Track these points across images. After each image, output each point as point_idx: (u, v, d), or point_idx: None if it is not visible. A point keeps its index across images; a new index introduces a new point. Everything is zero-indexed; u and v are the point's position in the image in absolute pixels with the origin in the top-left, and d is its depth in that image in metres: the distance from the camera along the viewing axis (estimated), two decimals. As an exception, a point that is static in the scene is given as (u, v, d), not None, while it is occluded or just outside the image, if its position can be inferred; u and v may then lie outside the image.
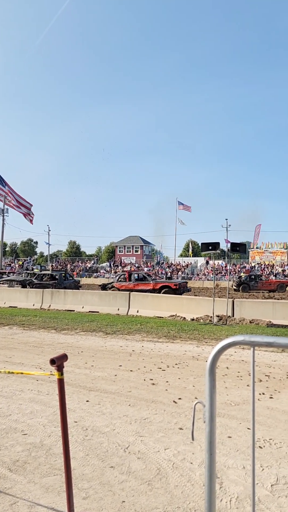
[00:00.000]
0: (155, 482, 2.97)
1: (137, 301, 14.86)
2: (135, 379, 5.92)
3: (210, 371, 1.72)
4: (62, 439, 2.02)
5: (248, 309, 13.04)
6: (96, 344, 8.90)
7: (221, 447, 3.63)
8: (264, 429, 4.07)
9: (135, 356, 7.66)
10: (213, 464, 1.68)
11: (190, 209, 58.28)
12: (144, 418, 4.33)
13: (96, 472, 3.12)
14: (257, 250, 52.94)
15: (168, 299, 15.06)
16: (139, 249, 66.63)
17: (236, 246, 12.80)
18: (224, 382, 5.84)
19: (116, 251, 69.74)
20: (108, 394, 5.19)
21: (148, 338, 9.65)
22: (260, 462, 3.35)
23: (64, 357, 2.02)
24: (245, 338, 1.67)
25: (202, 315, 13.16)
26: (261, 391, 5.42)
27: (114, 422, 4.20)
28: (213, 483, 1.65)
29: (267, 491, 2.87)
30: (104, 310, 15.10)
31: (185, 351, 8.23)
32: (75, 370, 6.42)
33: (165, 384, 5.71)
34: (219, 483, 2.98)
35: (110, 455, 3.43)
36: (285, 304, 13.12)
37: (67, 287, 22.67)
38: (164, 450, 3.54)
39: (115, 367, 6.71)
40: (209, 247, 12.41)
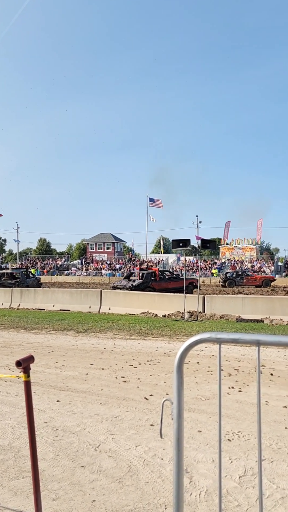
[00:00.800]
0: (126, 480, 2.98)
1: (109, 299, 14.82)
2: (106, 377, 5.91)
3: (178, 369, 1.73)
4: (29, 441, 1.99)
5: (218, 304, 13.27)
6: (67, 343, 8.81)
7: (191, 442, 3.68)
8: (233, 422, 4.16)
9: (107, 354, 7.64)
10: (181, 460, 1.70)
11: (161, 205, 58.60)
12: (116, 416, 4.32)
13: (66, 472, 3.09)
14: (227, 247, 53.93)
15: (140, 296, 15.10)
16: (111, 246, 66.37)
17: (207, 242, 12.99)
18: (195, 378, 5.92)
19: (88, 248, 69.17)
20: (79, 393, 5.15)
21: (119, 336, 9.65)
22: (229, 454, 3.42)
23: (31, 359, 1.98)
24: (212, 335, 1.69)
25: (174, 311, 13.29)
26: (230, 385, 5.54)
27: (85, 421, 4.17)
28: (181, 478, 1.67)
29: (235, 483, 2.94)
30: (76, 308, 14.96)
31: (157, 347, 8.28)
32: (45, 370, 6.32)
33: (137, 381, 5.73)
34: (189, 477, 3.03)
35: (80, 454, 3.41)
36: (253, 299, 13.46)
37: (30, 285, 22.25)
38: (135, 447, 3.55)
39: (86, 365, 6.66)
40: (180, 244, 12.54)
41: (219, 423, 1.70)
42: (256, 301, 13.20)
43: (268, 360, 7.10)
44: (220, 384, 1.73)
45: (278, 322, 11.47)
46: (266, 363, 6.88)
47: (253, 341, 1.63)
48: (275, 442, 3.67)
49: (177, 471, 1.67)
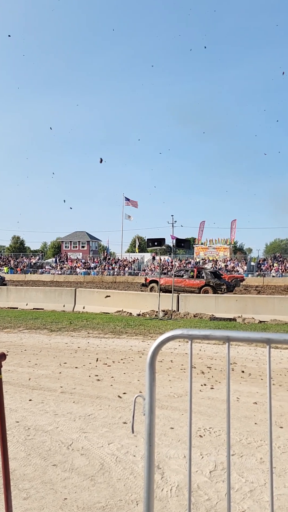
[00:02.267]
0: (98, 477, 2.99)
1: (83, 297, 14.73)
2: (80, 376, 5.88)
3: (150, 365, 1.76)
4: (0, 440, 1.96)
5: (192, 303, 13.44)
6: (40, 342, 8.70)
7: (164, 438, 3.73)
8: (205, 419, 4.23)
9: (81, 352, 7.60)
10: (153, 455, 1.72)
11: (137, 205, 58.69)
12: (89, 414, 4.32)
13: (38, 471, 3.07)
14: (201, 246, 54.58)
15: (115, 294, 15.08)
16: (86, 244, 65.90)
17: (181, 242, 13.12)
18: (168, 375, 5.98)
19: (62, 246, 68.40)
20: (52, 392, 5.10)
21: (94, 334, 9.61)
22: (200, 450, 3.49)
23: (2, 356, 1.95)
24: (184, 331, 1.73)
25: (148, 310, 13.36)
26: (203, 382, 5.63)
27: (57, 420, 4.14)
28: (152, 473, 1.70)
29: (206, 478, 3.00)
30: (50, 307, 14.79)
31: (131, 346, 8.30)
32: (17, 369, 6.23)
33: (110, 379, 5.73)
34: (161, 473, 3.07)
35: (52, 453, 3.39)
36: (226, 298, 13.70)
37: None
38: (108, 445, 3.56)
39: (59, 364, 6.61)
40: (155, 243, 12.61)
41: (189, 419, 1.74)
42: (229, 300, 13.45)
43: (239, 358, 7.26)
44: (191, 380, 1.76)
45: (250, 320, 11.74)
46: (237, 361, 7.04)
47: (223, 337, 1.67)
48: (245, 437, 3.77)
49: (148, 466, 1.69)
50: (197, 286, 20.46)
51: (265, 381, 5.71)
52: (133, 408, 1.79)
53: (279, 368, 6.52)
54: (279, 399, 4.90)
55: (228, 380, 1.69)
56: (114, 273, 49.15)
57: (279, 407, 4.59)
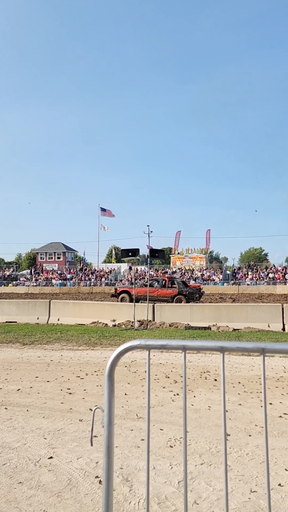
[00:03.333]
0: (65, 493, 2.93)
1: (58, 309, 14.53)
2: (51, 390, 5.78)
3: (109, 377, 1.77)
4: None
5: (167, 313, 13.48)
6: (11, 356, 8.51)
7: (134, 451, 3.70)
8: (176, 429, 4.23)
9: (53, 366, 7.47)
10: (111, 467, 1.72)
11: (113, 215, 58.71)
12: (58, 429, 4.24)
13: (3, 490, 2.98)
14: (177, 256, 55.01)
15: (90, 305, 14.96)
16: (62, 255, 65.23)
17: (155, 252, 13.21)
18: (142, 386, 5.96)
19: (37, 258, 67.42)
20: (21, 407, 4.99)
21: (68, 347, 9.48)
22: (169, 461, 3.48)
23: None
24: (141, 342, 1.75)
25: (124, 320, 13.30)
26: (176, 391, 5.64)
27: (25, 436, 4.05)
28: (110, 486, 1.69)
29: (174, 488, 2.99)
30: (23, 319, 14.50)
31: (105, 357, 8.23)
32: (-14, 385, 6.06)
33: (83, 392, 5.66)
34: (129, 486, 3.04)
35: (19, 470, 3.30)
36: (201, 307, 13.83)
37: None
38: (77, 460, 3.51)
39: (31, 378, 6.48)
40: (129, 253, 12.63)
41: (147, 431, 1.74)
42: (203, 308, 13.58)
43: (213, 367, 7.32)
44: (148, 391, 1.78)
45: (224, 328, 11.87)
46: (210, 369, 7.10)
47: (180, 346, 1.70)
48: (214, 445, 3.79)
49: (106, 478, 1.68)
50: (170, 295, 20.91)
51: (237, 389, 5.78)
52: (92, 420, 1.78)
53: (251, 375, 6.61)
54: (249, 406, 4.96)
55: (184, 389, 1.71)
56: (91, 284, 48.74)
57: (249, 414, 4.65)
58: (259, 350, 1.66)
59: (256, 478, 3.14)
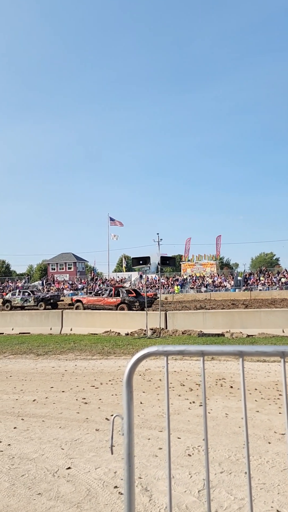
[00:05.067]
0: (84, 504, 2.91)
1: (70, 319, 14.56)
2: (67, 400, 5.77)
3: (127, 384, 1.76)
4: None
5: (180, 320, 13.40)
6: (26, 366, 8.53)
7: (152, 460, 3.66)
8: (193, 437, 4.18)
9: (68, 376, 7.47)
10: (132, 477, 1.70)
11: (122, 224, 58.95)
12: (75, 439, 4.22)
13: (22, 501, 2.97)
14: (188, 263, 54.84)
15: (102, 315, 14.97)
16: (72, 266, 65.57)
17: (166, 259, 13.19)
18: (157, 395, 5.91)
19: (49, 268, 67.89)
20: (38, 418, 4.99)
21: (81, 357, 9.48)
22: (188, 470, 3.43)
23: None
24: (159, 348, 1.74)
25: (137, 329, 13.26)
26: (191, 399, 5.58)
27: (43, 447, 4.04)
28: (132, 495, 1.67)
29: (194, 497, 2.95)
30: (36, 330, 14.56)
31: (119, 366, 8.21)
32: (2, 397, 6.08)
33: (98, 402, 5.64)
34: (149, 496, 3.01)
35: (38, 481, 3.29)
36: (214, 314, 13.72)
37: None
38: (95, 470, 3.49)
39: (46, 389, 6.48)
40: (140, 262, 12.64)
41: (168, 439, 1.73)
42: (216, 315, 13.47)
43: (228, 373, 7.24)
44: (167, 398, 1.77)
45: (238, 335, 11.75)
46: (226, 376, 7.01)
47: (198, 352, 1.69)
48: (233, 453, 3.73)
49: (128, 487, 1.67)
50: (114, 304, 22.02)
51: (254, 396, 5.69)
52: (111, 428, 1.77)
53: (267, 381, 6.52)
54: (267, 412, 4.88)
55: (204, 395, 1.70)
56: (102, 294, 48.76)
57: (268, 421, 4.57)
58: (279, 354, 1.64)
59: (278, 486, 3.08)
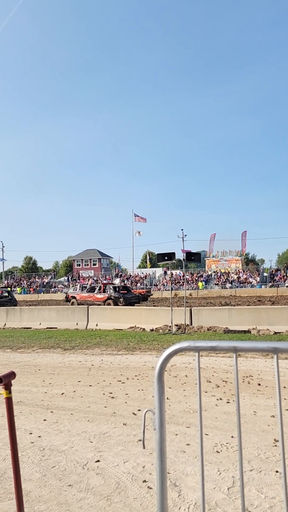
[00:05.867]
0: (114, 497, 2.94)
1: (96, 315, 14.72)
2: (94, 394, 5.85)
3: (158, 379, 1.75)
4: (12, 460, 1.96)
5: (205, 316, 13.31)
6: (54, 361, 8.69)
7: (180, 456, 3.66)
8: (221, 434, 4.15)
9: (94, 370, 7.56)
10: (165, 472, 1.70)
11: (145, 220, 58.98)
12: (103, 433, 4.27)
13: (54, 492, 3.04)
14: (212, 259, 54.34)
15: (127, 311, 15.05)
16: (97, 262, 66.19)
17: (191, 255, 13.10)
18: (184, 391, 5.90)
19: (74, 265, 68.81)
20: (67, 411, 5.08)
21: (107, 352, 9.57)
22: (217, 466, 3.41)
23: (12, 375, 1.97)
24: (190, 344, 1.73)
25: (161, 325, 13.27)
26: (218, 396, 5.54)
27: (72, 439, 4.11)
28: (164, 490, 1.68)
29: (224, 495, 2.93)
30: (62, 325, 14.81)
31: (145, 362, 8.24)
32: (32, 389, 6.22)
33: (125, 396, 5.68)
34: (178, 491, 3.01)
35: (68, 473, 3.35)
36: (240, 310, 13.54)
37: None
38: (124, 463, 3.52)
39: (74, 383, 6.58)
40: (165, 258, 12.61)
41: (200, 433, 1.72)
42: (242, 312, 13.29)
43: (255, 371, 7.14)
44: (200, 393, 1.75)
45: (265, 332, 11.56)
46: (253, 373, 6.92)
47: (230, 348, 1.66)
48: (263, 452, 3.68)
49: (160, 482, 1.67)
50: (102, 300, 23.91)
51: (284, 394, 5.59)
52: (143, 423, 1.78)
53: (297, 379, 6.38)
54: (298, 411, 4.78)
55: (237, 391, 1.67)
56: (126, 289, 49.05)
57: (298, 420, 4.48)
58: (315, 351, 1.59)
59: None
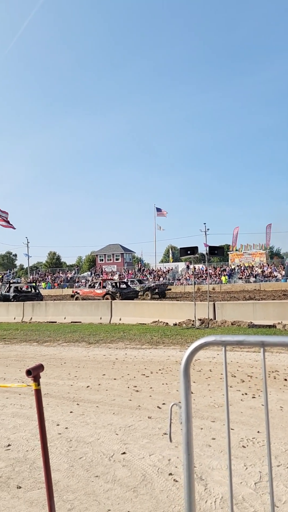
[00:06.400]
0: (140, 489, 2.98)
1: (119, 309, 14.83)
2: (119, 387, 5.91)
3: (185, 373, 1.75)
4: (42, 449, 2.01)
5: (229, 311, 13.19)
6: (79, 354, 8.83)
7: (206, 449, 3.66)
8: (247, 429, 4.12)
9: (119, 364, 7.63)
10: (191, 465, 1.71)
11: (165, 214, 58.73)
12: (129, 426, 4.32)
13: (81, 482, 3.10)
14: (236, 253, 53.65)
15: (150, 305, 15.09)
16: (120, 257, 66.53)
17: (214, 249, 12.97)
18: (208, 385, 5.88)
19: (97, 260, 69.42)
20: (92, 403, 5.16)
21: (131, 346, 9.64)
22: (243, 461, 3.39)
23: (40, 367, 2.01)
24: (216, 338, 1.71)
25: (185, 319, 13.24)
26: (244, 391, 5.49)
27: (98, 431, 4.18)
28: (192, 483, 1.68)
29: (251, 490, 2.91)
30: (87, 319, 15.00)
31: (169, 356, 8.25)
32: (58, 382, 6.35)
33: (149, 390, 5.71)
34: (204, 485, 3.01)
35: (95, 464, 3.41)
36: (264, 305, 13.34)
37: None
38: (149, 456, 3.55)
39: (98, 376, 6.67)
40: (188, 252, 12.54)
41: (227, 426, 1.71)
42: (267, 306, 13.09)
43: (281, 366, 7.03)
44: (226, 387, 1.74)
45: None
46: (279, 368, 6.82)
47: (258, 342, 1.64)
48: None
49: (188, 475, 1.67)
50: (101, 295, 25.40)
51: (310, 389, 5.49)
52: (170, 416, 1.78)
53: None
54: None
55: (265, 384, 1.65)
56: (149, 284, 49.13)
57: None
58: None
59: None
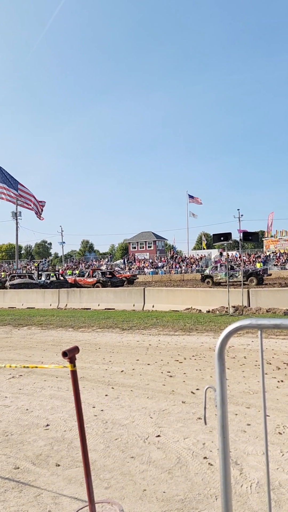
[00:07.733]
0: (175, 471, 3.01)
1: (152, 296, 14.91)
2: (152, 372, 5.97)
3: (219, 356, 1.74)
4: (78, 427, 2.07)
5: (264, 298, 12.94)
6: (113, 340, 8.98)
7: (241, 435, 3.64)
8: (284, 416, 4.06)
9: (152, 350, 7.70)
10: (227, 447, 1.70)
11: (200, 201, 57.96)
12: (163, 410, 4.36)
13: (117, 463, 3.18)
14: (271, 239, 52.33)
15: (183, 292, 15.06)
16: (152, 244, 66.59)
17: (249, 235, 12.70)
18: (242, 372, 5.83)
19: (129, 247, 69.85)
20: (127, 387, 5.24)
21: (164, 332, 9.69)
22: (280, 447, 3.35)
23: (76, 349, 2.06)
24: (252, 321, 1.68)
25: (218, 306, 13.13)
26: (280, 378, 5.40)
27: (133, 414, 4.25)
28: (227, 465, 1.68)
29: (287, 475, 2.87)
30: (120, 306, 15.20)
31: (202, 343, 8.23)
32: (93, 366, 6.50)
33: (183, 375, 5.73)
34: (239, 469, 3.00)
35: (130, 446, 3.48)
36: (301, 291, 12.97)
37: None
38: (184, 440, 3.57)
39: (132, 361, 6.77)
40: (221, 238, 12.36)
41: (264, 410, 1.68)
42: (304, 293, 12.71)
43: None
44: (262, 371, 1.71)
45: None
46: None
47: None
48: None
49: (223, 458, 1.67)
50: (91, 283, 27.89)
51: None
52: (204, 398, 1.78)
53: None
54: None
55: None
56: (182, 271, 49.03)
57: None
58: None
59: None
